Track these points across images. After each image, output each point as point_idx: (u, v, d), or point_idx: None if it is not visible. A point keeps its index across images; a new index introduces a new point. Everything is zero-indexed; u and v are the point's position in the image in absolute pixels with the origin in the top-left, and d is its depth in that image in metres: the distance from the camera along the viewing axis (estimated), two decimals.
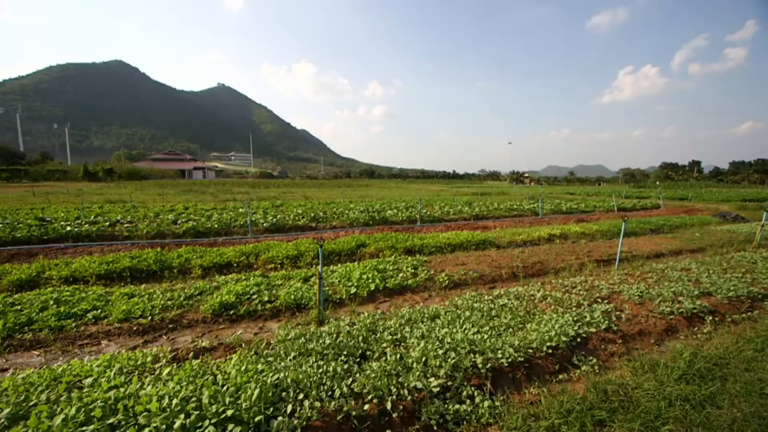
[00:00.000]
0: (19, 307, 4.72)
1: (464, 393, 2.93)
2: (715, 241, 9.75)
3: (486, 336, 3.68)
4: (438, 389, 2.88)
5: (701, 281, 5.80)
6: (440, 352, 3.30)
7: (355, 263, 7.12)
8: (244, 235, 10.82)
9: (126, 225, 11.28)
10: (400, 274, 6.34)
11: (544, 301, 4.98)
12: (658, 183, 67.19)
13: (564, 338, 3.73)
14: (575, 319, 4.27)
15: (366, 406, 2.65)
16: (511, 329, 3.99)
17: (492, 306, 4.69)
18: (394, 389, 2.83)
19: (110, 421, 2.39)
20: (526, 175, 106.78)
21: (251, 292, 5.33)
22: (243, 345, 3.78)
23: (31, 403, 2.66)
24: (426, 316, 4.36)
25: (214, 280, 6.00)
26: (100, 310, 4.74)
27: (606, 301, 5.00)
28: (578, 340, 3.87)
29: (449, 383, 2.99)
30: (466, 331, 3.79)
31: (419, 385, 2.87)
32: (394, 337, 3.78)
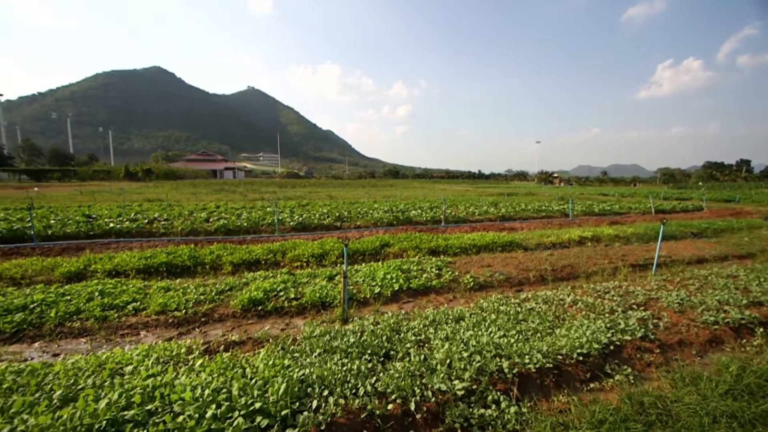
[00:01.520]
0: (68, 297, 5.08)
1: (490, 397, 2.87)
2: (767, 246, 9.02)
3: (513, 340, 3.59)
4: (462, 392, 2.84)
5: (750, 290, 5.38)
6: (465, 354, 3.26)
7: (379, 263, 7.15)
8: (271, 234, 11.12)
9: (162, 222, 11.89)
10: (424, 275, 6.30)
11: (574, 306, 4.80)
12: (700, 183, 62.94)
13: (596, 345, 3.58)
14: (608, 325, 4.08)
15: (390, 406, 2.66)
16: (539, 334, 3.87)
17: (519, 309, 4.57)
18: (418, 390, 2.82)
19: (148, 407, 2.53)
20: (556, 175, 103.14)
21: (278, 289, 5.47)
22: (270, 340, 3.89)
23: (80, 387, 2.86)
24: (450, 317, 4.32)
25: (244, 277, 6.21)
26: (139, 303, 5.03)
27: (642, 308, 4.75)
28: (611, 347, 3.69)
29: (474, 387, 2.94)
30: (492, 335, 3.71)
31: (443, 387, 2.84)
32: (418, 337, 3.77)
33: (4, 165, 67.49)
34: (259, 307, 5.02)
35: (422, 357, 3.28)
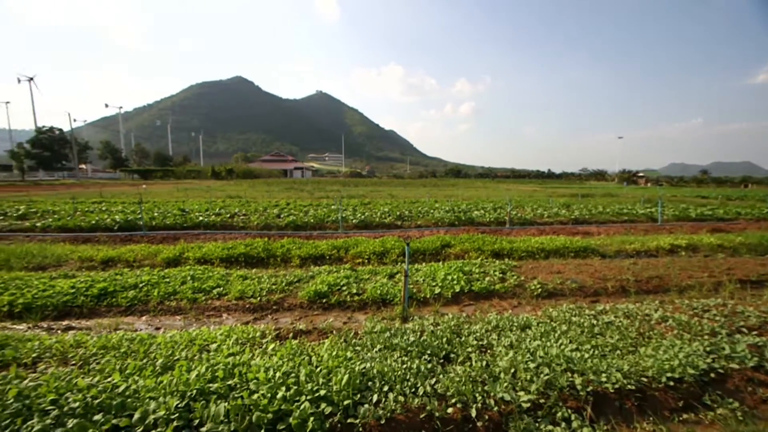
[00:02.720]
0: (167, 280, 5.89)
1: (559, 414, 2.67)
2: None
3: (587, 355, 3.29)
4: (528, 405, 2.68)
5: None
6: (531, 365, 3.07)
7: (440, 263, 7.05)
8: (335, 230, 11.64)
9: (241, 217, 13.15)
10: (487, 278, 6.07)
11: (663, 323, 4.23)
12: None
13: (691, 371, 3.11)
14: (708, 349, 3.52)
15: (449, 410, 2.62)
16: (618, 351, 3.49)
17: (594, 322, 4.16)
18: (479, 397, 2.73)
19: (229, 382, 2.83)
20: (641, 174, 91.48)
21: (341, 284, 5.71)
22: (334, 332, 4.09)
23: (176, 358, 3.31)
24: (515, 324, 4.10)
25: (310, 270, 6.59)
26: (222, 288, 5.64)
27: (755, 332, 4.00)
28: (712, 375, 3.18)
29: (541, 401, 2.76)
30: (563, 347, 3.44)
31: (507, 397, 2.72)
32: (480, 342, 3.65)
33: (122, 166, 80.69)
34: (324, 300, 5.29)
35: (484, 363, 3.17)
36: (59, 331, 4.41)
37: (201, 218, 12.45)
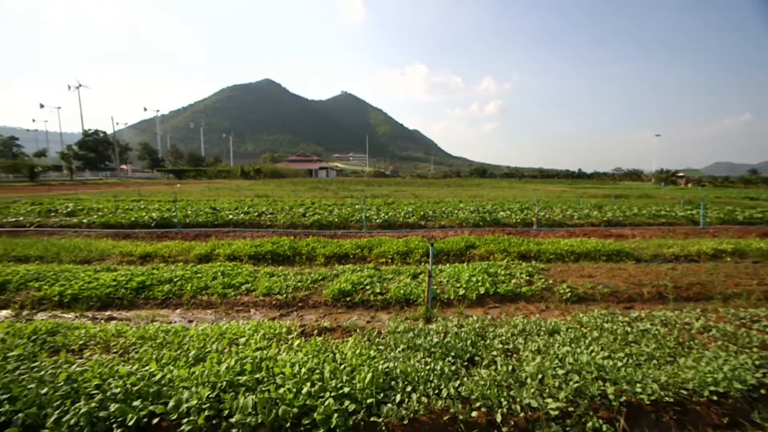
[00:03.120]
0: (199, 275, 6.15)
1: (589, 424, 2.57)
2: None
3: (620, 363, 3.14)
4: (556, 412, 2.60)
5: None
6: (560, 372, 2.97)
7: (464, 264, 6.96)
8: (359, 230, 11.74)
9: (269, 216, 13.52)
10: (513, 281, 5.93)
11: (705, 333, 3.97)
12: None
13: (738, 385, 2.90)
14: (757, 363, 3.26)
15: (474, 413, 2.58)
16: (655, 361, 3.31)
17: (628, 329, 3.97)
18: (505, 402, 2.67)
19: (256, 376, 2.92)
20: (680, 174, 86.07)
21: (365, 283, 5.75)
22: (357, 330, 4.12)
23: (207, 350, 3.45)
24: (543, 329, 3.98)
25: (334, 269, 6.68)
26: (250, 284, 5.83)
27: None
28: (762, 391, 2.95)
29: (570, 409, 2.66)
30: (594, 354, 3.30)
31: (534, 403, 2.64)
32: (506, 346, 3.57)
33: (158, 166, 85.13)
34: (348, 298, 5.35)
35: (510, 367, 3.10)
36: (102, 321, 4.72)
37: (231, 216, 12.91)
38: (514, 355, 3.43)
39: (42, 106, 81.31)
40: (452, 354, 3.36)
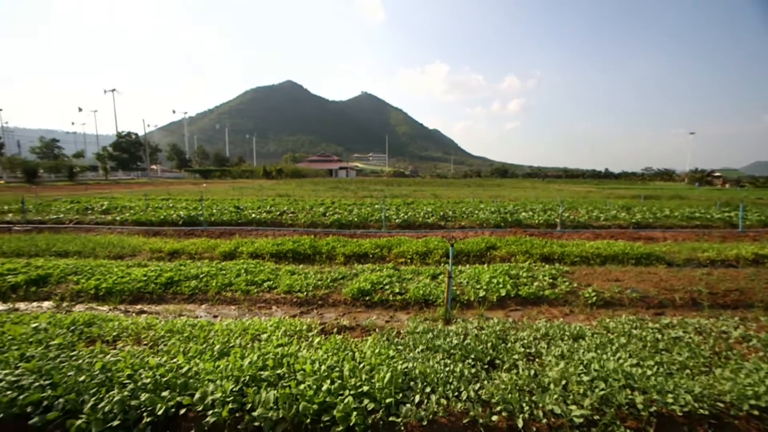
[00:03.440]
0: (224, 272, 6.34)
1: None
2: None
3: (650, 372, 3.01)
4: (581, 420, 2.52)
5: None
6: (585, 378, 2.87)
7: (485, 265, 6.85)
8: (378, 230, 11.77)
9: (290, 215, 13.78)
10: (535, 283, 5.79)
11: (745, 343, 3.74)
12: None
13: None
14: None
15: (494, 417, 2.54)
16: (688, 371, 3.15)
17: (659, 336, 3.80)
18: (527, 407, 2.61)
19: (278, 371, 2.98)
20: (717, 173, 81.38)
21: (384, 283, 5.76)
22: (376, 330, 4.14)
23: (231, 345, 3.55)
24: (567, 333, 3.86)
25: (354, 268, 6.73)
26: (272, 282, 5.95)
27: None
28: None
29: (596, 417, 2.57)
30: (621, 361, 3.18)
31: (557, 410, 2.57)
32: (528, 350, 3.49)
33: (186, 166, 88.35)
34: (367, 298, 5.38)
35: (532, 372, 3.03)
36: (134, 314, 4.94)
37: (254, 215, 13.24)
38: (537, 360, 3.34)
39: (80, 109, 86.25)
40: (472, 356, 3.31)
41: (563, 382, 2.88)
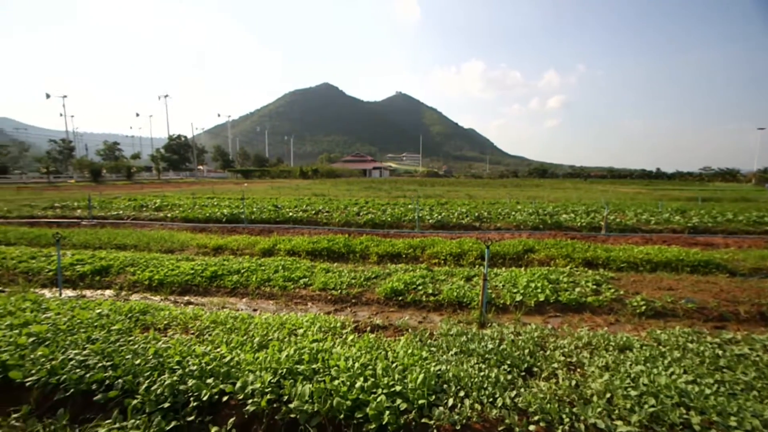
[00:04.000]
0: (263, 268, 6.62)
1: None
2: None
3: (708, 391, 2.76)
4: None
5: None
6: (632, 393, 2.69)
7: (522, 269, 6.62)
8: (411, 230, 11.74)
9: (324, 214, 14.11)
10: (577, 289, 5.50)
11: None
12: None
13: None
14: None
15: (531, 427, 2.45)
16: (755, 392, 2.85)
17: (719, 353, 3.47)
18: (567, 419, 2.49)
19: (313, 366, 3.06)
20: None
21: (417, 283, 5.74)
22: (409, 330, 4.13)
23: (269, 338, 3.70)
24: (612, 344, 3.64)
25: (387, 268, 6.76)
26: (307, 279, 6.13)
27: None
28: None
29: None
30: (674, 377, 2.94)
31: (601, 424, 2.43)
32: (568, 359, 3.32)
33: (229, 167, 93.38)
34: (400, 298, 5.38)
35: (573, 382, 2.88)
36: (182, 305, 5.30)
37: (291, 214, 13.70)
38: (578, 370, 3.18)
39: (137, 114, 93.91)
40: (508, 362, 3.21)
41: (608, 395, 2.72)
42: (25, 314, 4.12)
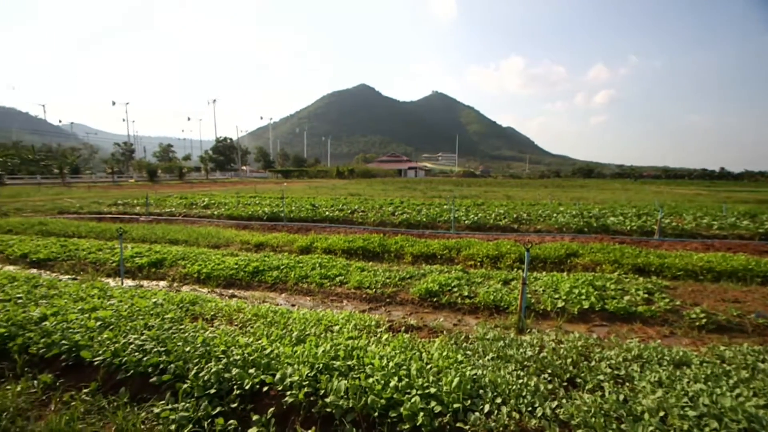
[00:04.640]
0: (301, 265, 6.85)
1: None
2: None
3: None
4: None
5: None
6: (690, 413, 2.47)
7: (564, 274, 6.30)
8: (447, 230, 11.57)
9: (360, 213, 14.30)
10: (626, 297, 5.14)
11: None
12: None
13: None
14: None
15: None
16: None
17: None
18: None
19: (348, 363, 3.12)
20: None
21: (452, 285, 5.65)
22: (444, 332, 4.09)
23: (306, 333, 3.82)
24: (666, 358, 3.36)
25: (422, 268, 6.72)
26: (343, 277, 6.25)
27: None
28: None
29: None
30: (741, 399, 2.66)
31: None
32: (616, 371, 3.11)
33: (270, 167, 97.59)
34: (434, 299, 5.33)
35: (621, 397, 2.70)
36: (227, 297, 5.62)
37: (327, 213, 14.04)
38: (627, 384, 2.97)
39: (189, 119, 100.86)
40: (549, 371, 3.08)
41: (661, 413, 2.52)
42: (93, 300, 4.57)
